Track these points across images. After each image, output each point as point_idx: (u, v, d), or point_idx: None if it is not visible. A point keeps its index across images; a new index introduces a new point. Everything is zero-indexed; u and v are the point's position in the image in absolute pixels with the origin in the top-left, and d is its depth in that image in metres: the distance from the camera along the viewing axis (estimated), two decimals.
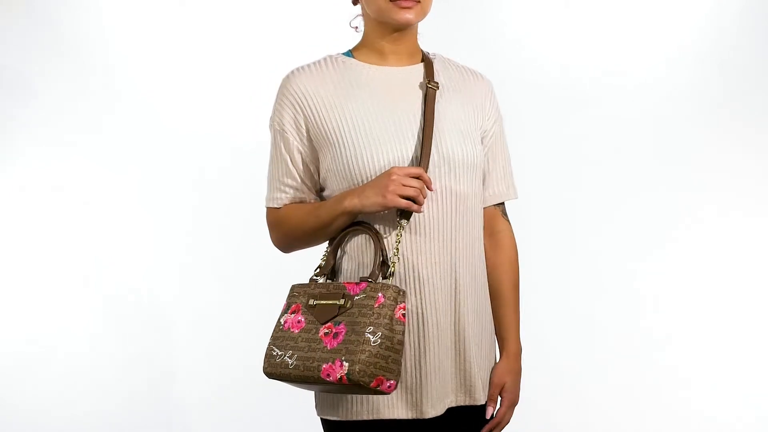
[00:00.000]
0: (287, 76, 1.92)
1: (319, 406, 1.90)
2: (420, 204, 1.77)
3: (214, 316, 3.98)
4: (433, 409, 1.84)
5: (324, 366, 1.70)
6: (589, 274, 3.95)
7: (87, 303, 4.01)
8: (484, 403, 1.92)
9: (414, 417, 1.83)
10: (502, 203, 2.04)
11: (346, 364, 1.67)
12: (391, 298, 1.72)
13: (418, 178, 1.77)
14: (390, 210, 1.80)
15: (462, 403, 1.89)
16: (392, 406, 1.82)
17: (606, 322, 3.94)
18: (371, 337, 1.68)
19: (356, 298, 1.74)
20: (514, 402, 1.97)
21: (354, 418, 1.84)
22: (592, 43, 4.03)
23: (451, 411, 1.88)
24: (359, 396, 1.82)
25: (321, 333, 1.74)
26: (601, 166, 3.99)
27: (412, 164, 1.82)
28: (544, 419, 3.87)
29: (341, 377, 1.67)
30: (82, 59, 4.04)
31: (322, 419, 1.91)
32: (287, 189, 1.93)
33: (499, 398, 1.97)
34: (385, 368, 1.68)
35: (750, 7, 4.00)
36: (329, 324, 1.75)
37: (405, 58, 1.93)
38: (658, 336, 3.95)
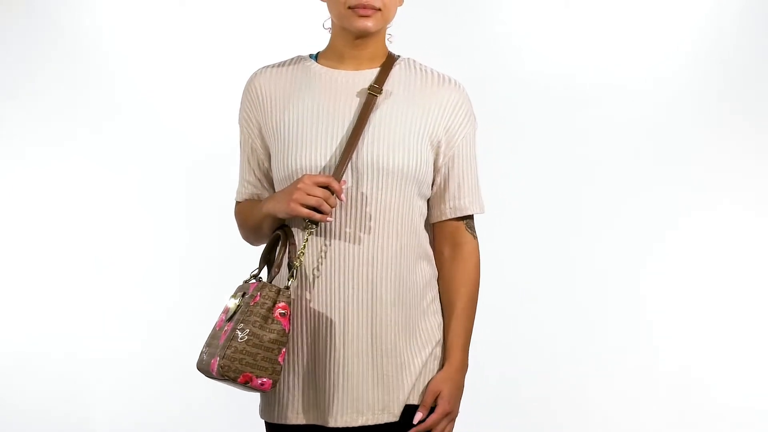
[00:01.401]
0: (251, 76, 1.97)
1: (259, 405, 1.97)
2: (325, 213, 1.77)
3: (215, 315, 3.97)
4: (334, 420, 1.83)
5: (212, 361, 1.77)
6: (590, 273, 3.95)
7: (87, 303, 4.01)
8: (398, 419, 1.85)
9: (315, 423, 1.84)
10: (468, 217, 1.96)
11: (218, 359, 1.74)
12: (268, 297, 1.75)
13: (327, 186, 1.77)
14: (296, 217, 1.81)
15: (380, 421, 1.84)
16: (298, 413, 1.86)
17: (607, 322, 3.93)
18: (239, 333, 1.73)
19: (245, 296, 1.80)
20: (447, 412, 1.87)
21: (268, 420, 1.91)
22: (592, 43, 4.03)
23: (371, 428, 1.84)
24: (271, 399, 1.89)
25: (223, 330, 1.81)
26: (602, 166, 3.98)
27: (330, 169, 1.82)
28: (544, 419, 3.87)
29: (216, 372, 1.74)
30: (82, 59, 4.04)
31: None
32: (246, 184, 1.99)
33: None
34: (253, 365, 1.71)
35: (750, 6, 4.00)
36: (229, 322, 1.80)
37: (365, 62, 1.91)
38: (659, 336, 3.94)
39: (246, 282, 1.89)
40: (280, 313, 1.74)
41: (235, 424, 3.92)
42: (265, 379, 1.72)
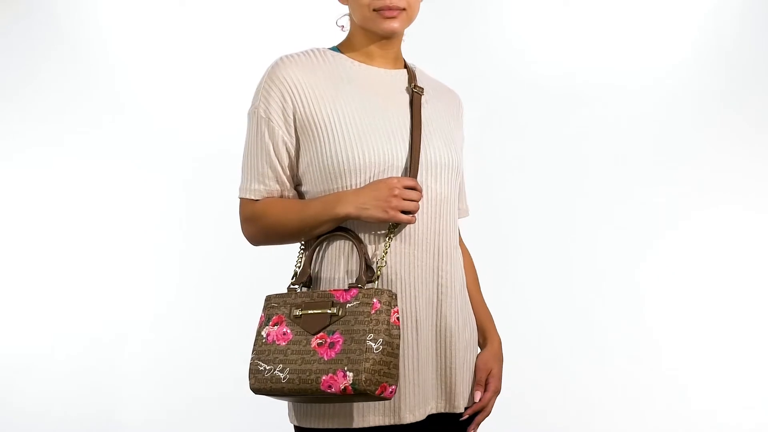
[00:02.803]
0: (276, 64, 1.85)
1: (293, 413, 1.86)
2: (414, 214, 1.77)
3: (214, 316, 3.98)
4: (412, 415, 1.80)
5: (324, 377, 1.65)
6: (589, 273, 3.95)
7: (86, 304, 4.01)
8: (463, 411, 1.88)
9: (391, 423, 1.79)
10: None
11: (350, 374, 1.63)
12: (386, 303, 1.69)
13: (413, 188, 1.75)
14: (391, 222, 1.77)
15: (442, 410, 1.85)
16: (364, 414, 1.78)
17: (606, 322, 3.93)
18: (373, 344, 1.65)
19: (348, 305, 1.70)
20: (498, 390, 1.95)
21: (325, 426, 1.80)
22: (592, 43, 4.03)
23: (431, 418, 1.85)
24: (333, 404, 1.79)
25: (314, 344, 1.70)
26: (602, 165, 3.98)
27: (404, 167, 1.80)
28: (543, 418, 3.87)
29: (345, 387, 1.63)
30: (82, 59, 4.04)
31: (296, 427, 1.86)
32: (266, 180, 1.86)
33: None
34: (387, 374, 1.66)
35: (750, 6, 4.00)
36: (322, 334, 1.70)
37: (391, 62, 1.92)
38: (658, 335, 3.94)
39: (293, 290, 1.81)
40: (396, 318, 1.69)
41: (234, 423, 3.92)
42: (393, 386, 1.67)
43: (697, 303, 3.95)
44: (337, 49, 1.93)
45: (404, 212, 1.75)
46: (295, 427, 1.86)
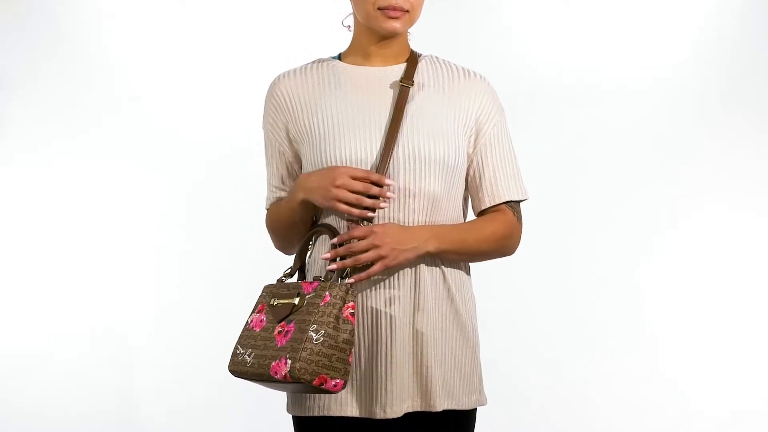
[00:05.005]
0: (273, 82, 1.98)
1: (287, 403, 1.94)
2: (369, 207, 1.78)
3: (215, 316, 3.98)
4: (382, 411, 1.82)
5: (273, 363, 1.72)
6: (589, 273, 3.95)
7: (87, 304, 4.01)
8: (441, 411, 1.87)
9: (363, 416, 1.84)
10: (512, 204, 2.01)
11: (289, 361, 1.68)
12: (338, 297, 1.72)
13: (364, 180, 1.78)
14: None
15: (418, 409, 1.86)
16: (343, 404, 1.84)
17: (606, 322, 3.93)
18: (314, 335, 1.69)
19: (307, 296, 1.76)
20: (373, 233, 1.77)
21: (306, 414, 1.87)
22: (593, 43, 4.03)
23: (409, 416, 1.86)
24: (312, 394, 1.85)
25: (276, 331, 1.76)
26: (602, 165, 3.98)
27: (371, 161, 1.83)
28: (543, 418, 3.87)
29: (285, 374, 1.68)
30: (82, 59, 4.04)
31: (292, 417, 1.94)
32: (276, 190, 1.99)
33: None
34: (328, 366, 1.68)
35: (750, 6, 4.00)
36: (283, 322, 1.76)
37: (390, 59, 1.95)
38: (658, 336, 3.94)
39: (282, 280, 1.88)
40: (350, 313, 1.72)
41: (234, 422, 3.92)
42: (338, 380, 1.70)
43: (698, 303, 3.95)
44: (339, 56, 1.98)
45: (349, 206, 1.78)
46: (292, 416, 1.94)
